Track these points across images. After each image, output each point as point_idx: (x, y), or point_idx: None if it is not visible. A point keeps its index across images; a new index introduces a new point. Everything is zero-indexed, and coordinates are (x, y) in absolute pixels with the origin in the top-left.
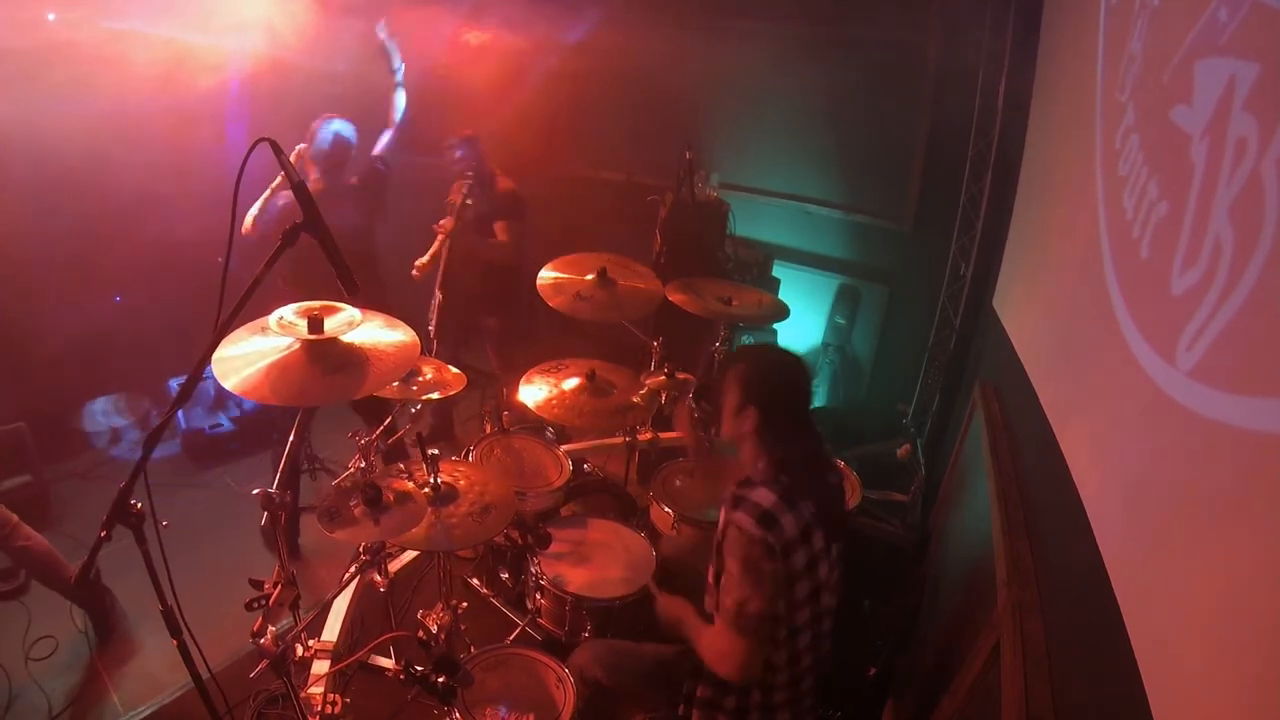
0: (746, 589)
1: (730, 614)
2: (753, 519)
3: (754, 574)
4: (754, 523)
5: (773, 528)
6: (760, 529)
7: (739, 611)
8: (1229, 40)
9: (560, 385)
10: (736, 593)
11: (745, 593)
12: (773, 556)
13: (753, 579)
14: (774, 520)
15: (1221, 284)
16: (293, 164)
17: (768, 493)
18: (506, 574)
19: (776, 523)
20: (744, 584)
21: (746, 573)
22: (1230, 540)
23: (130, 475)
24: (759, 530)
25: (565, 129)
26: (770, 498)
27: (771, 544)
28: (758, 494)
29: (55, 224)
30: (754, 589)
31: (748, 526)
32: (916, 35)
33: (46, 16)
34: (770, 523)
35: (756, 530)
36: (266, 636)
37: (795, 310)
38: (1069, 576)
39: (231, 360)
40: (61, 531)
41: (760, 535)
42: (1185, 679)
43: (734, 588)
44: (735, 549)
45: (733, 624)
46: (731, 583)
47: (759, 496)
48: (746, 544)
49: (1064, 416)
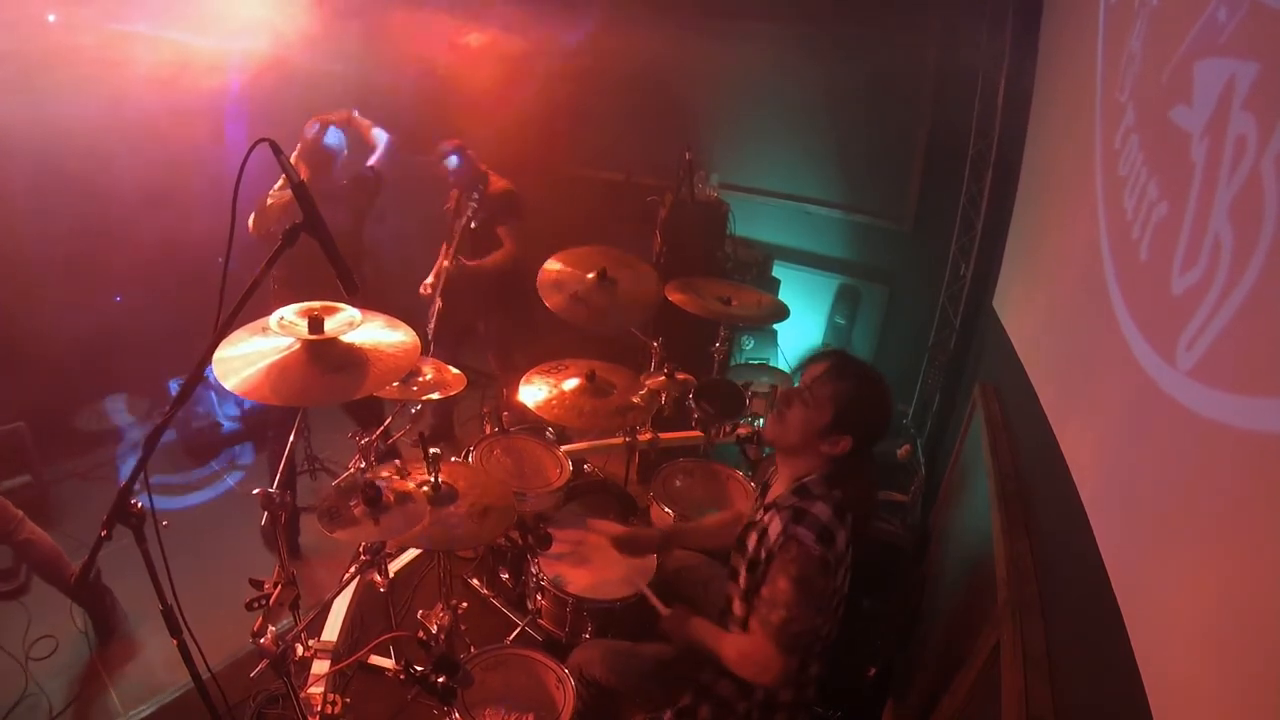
0: (797, 606)
1: (774, 628)
2: (815, 535)
3: (808, 591)
4: (816, 540)
5: (831, 545)
6: (821, 546)
7: (784, 627)
8: (1228, 40)
9: (560, 386)
10: (785, 610)
11: (795, 610)
12: (828, 574)
13: (806, 596)
14: (832, 537)
15: (1221, 284)
16: (292, 165)
17: (824, 507)
18: (507, 574)
19: (834, 540)
20: (795, 600)
21: (800, 589)
22: (1230, 540)
23: (130, 475)
24: (819, 548)
25: (565, 130)
26: (827, 512)
27: (829, 561)
28: (816, 508)
29: (55, 224)
30: (805, 606)
31: (809, 543)
32: (916, 35)
33: (47, 18)
34: (829, 540)
35: (817, 548)
36: (266, 636)
37: (795, 310)
38: (1069, 576)
39: (231, 360)
40: (61, 531)
41: (820, 553)
42: (1185, 679)
43: (784, 604)
44: (792, 565)
45: (775, 638)
46: (781, 598)
47: (819, 511)
48: (805, 560)
49: (1064, 416)
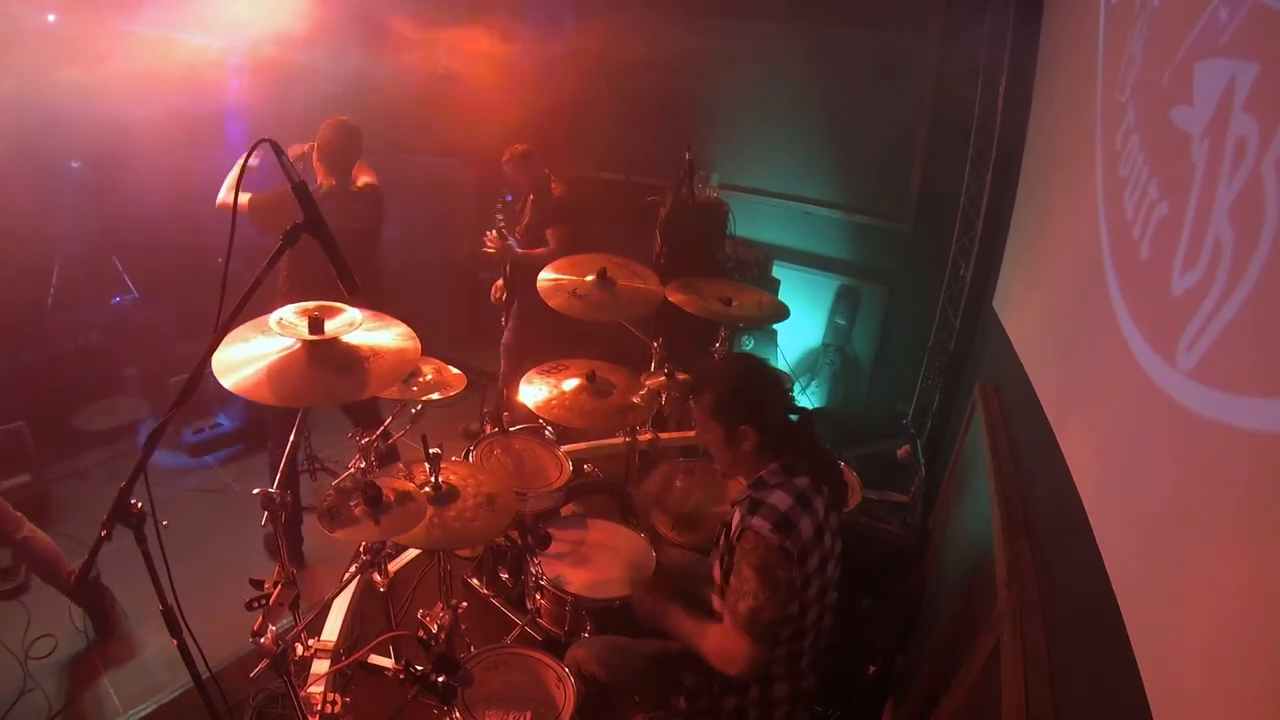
0: (762, 595)
1: (743, 618)
2: (770, 524)
3: (770, 581)
4: (772, 529)
5: (790, 533)
6: (778, 535)
7: (752, 617)
8: (1229, 41)
9: (560, 386)
10: (751, 599)
11: (761, 599)
12: (790, 562)
13: (769, 586)
14: (791, 525)
15: (1222, 284)
16: (293, 164)
17: (783, 495)
18: (506, 574)
19: (794, 528)
20: (759, 590)
21: (763, 579)
22: (1230, 540)
23: (130, 475)
24: (776, 537)
25: (565, 129)
26: (786, 500)
27: (790, 550)
28: (774, 497)
29: (56, 225)
30: (769, 596)
31: (765, 532)
32: (916, 35)
33: (47, 17)
34: (788, 528)
35: (774, 537)
36: (266, 636)
37: (795, 311)
38: (1069, 576)
39: (232, 360)
40: (61, 531)
41: (779, 542)
42: (1185, 679)
43: (748, 593)
44: (752, 555)
45: (745, 628)
46: (746, 588)
47: (775, 500)
48: (764, 550)
49: (1064, 417)
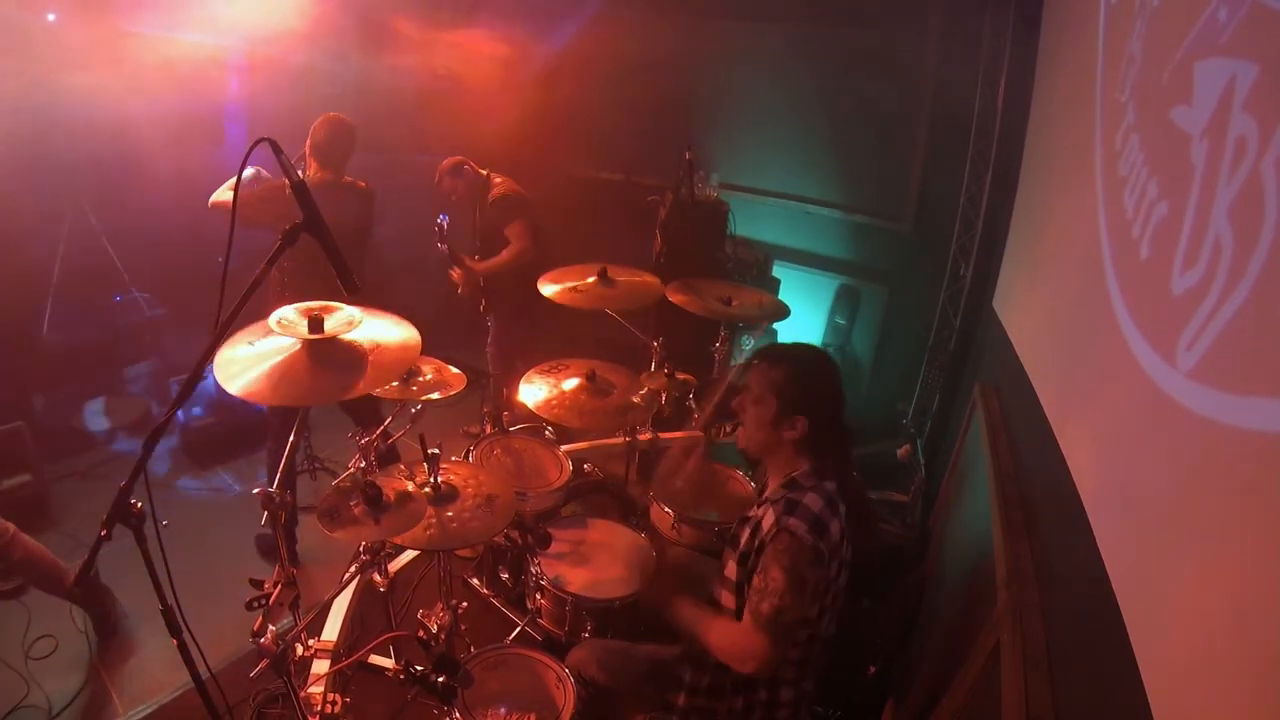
0: (789, 596)
1: (766, 618)
2: (807, 526)
3: (799, 582)
4: (808, 530)
5: (823, 535)
6: (813, 536)
7: (775, 617)
8: (1228, 40)
9: (560, 385)
10: (776, 599)
11: (787, 600)
12: (820, 564)
13: (797, 587)
14: (824, 527)
15: (1221, 284)
16: (292, 163)
17: (815, 497)
18: (506, 574)
19: (826, 530)
20: (787, 590)
21: (792, 580)
22: (1230, 540)
23: (130, 475)
24: (811, 537)
25: (565, 129)
26: (818, 502)
27: (822, 551)
28: (808, 499)
29: (55, 224)
30: (796, 596)
31: (802, 533)
32: (916, 35)
33: (47, 17)
34: (821, 530)
35: (809, 537)
36: (266, 636)
37: (795, 310)
38: (1069, 576)
39: (231, 360)
40: (61, 531)
41: (813, 543)
42: (1185, 679)
43: (774, 593)
44: (784, 555)
45: (767, 628)
46: (773, 587)
47: (809, 501)
48: (798, 550)
49: (1064, 416)
